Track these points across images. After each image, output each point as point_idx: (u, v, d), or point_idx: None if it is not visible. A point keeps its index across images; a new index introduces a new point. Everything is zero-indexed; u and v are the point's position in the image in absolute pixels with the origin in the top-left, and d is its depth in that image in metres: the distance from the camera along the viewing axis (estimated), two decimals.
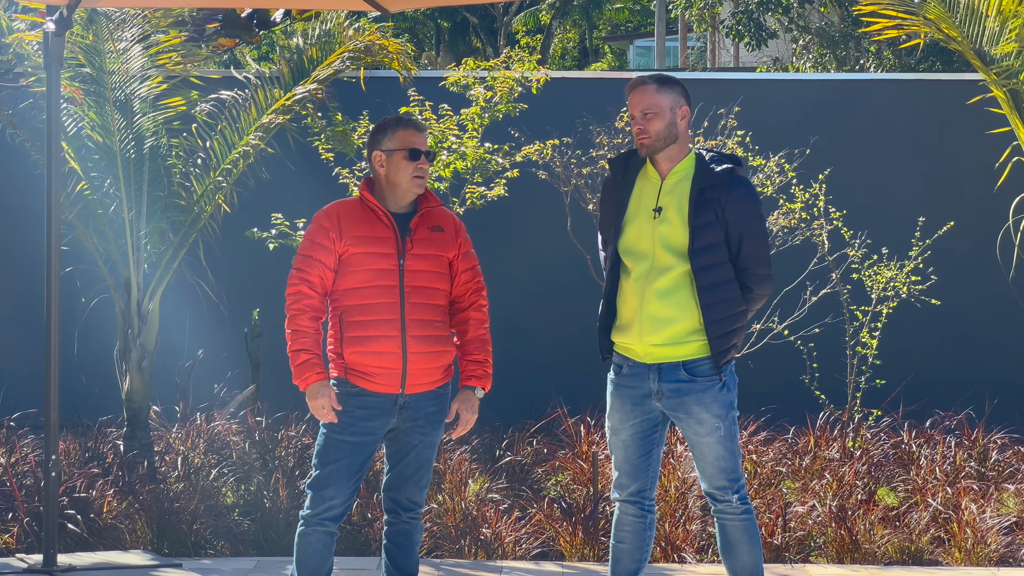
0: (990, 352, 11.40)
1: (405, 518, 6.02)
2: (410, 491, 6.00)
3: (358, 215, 5.93)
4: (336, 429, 5.89)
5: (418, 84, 9.78)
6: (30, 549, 7.78)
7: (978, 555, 7.90)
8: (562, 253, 10.80)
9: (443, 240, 5.95)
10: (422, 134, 5.96)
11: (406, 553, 6.05)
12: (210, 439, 9.16)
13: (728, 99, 10.51)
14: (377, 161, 5.95)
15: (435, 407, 5.98)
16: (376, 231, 5.89)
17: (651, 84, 5.79)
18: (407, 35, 35.88)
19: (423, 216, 5.95)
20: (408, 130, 5.94)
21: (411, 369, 5.86)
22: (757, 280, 5.82)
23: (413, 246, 5.89)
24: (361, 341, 5.86)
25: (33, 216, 9.28)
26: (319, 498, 5.88)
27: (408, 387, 5.88)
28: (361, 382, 5.88)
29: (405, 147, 5.90)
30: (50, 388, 7.33)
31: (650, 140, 5.77)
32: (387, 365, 5.85)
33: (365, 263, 5.87)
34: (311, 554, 5.93)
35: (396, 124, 5.96)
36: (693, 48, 39.90)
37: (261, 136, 8.96)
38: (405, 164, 5.89)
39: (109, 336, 9.24)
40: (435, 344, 5.90)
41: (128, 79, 8.99)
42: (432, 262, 5.91)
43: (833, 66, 21.54)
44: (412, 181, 5.91)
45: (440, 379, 5.97)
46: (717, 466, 5.84)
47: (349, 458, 5.88)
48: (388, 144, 5.92)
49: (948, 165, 11.51)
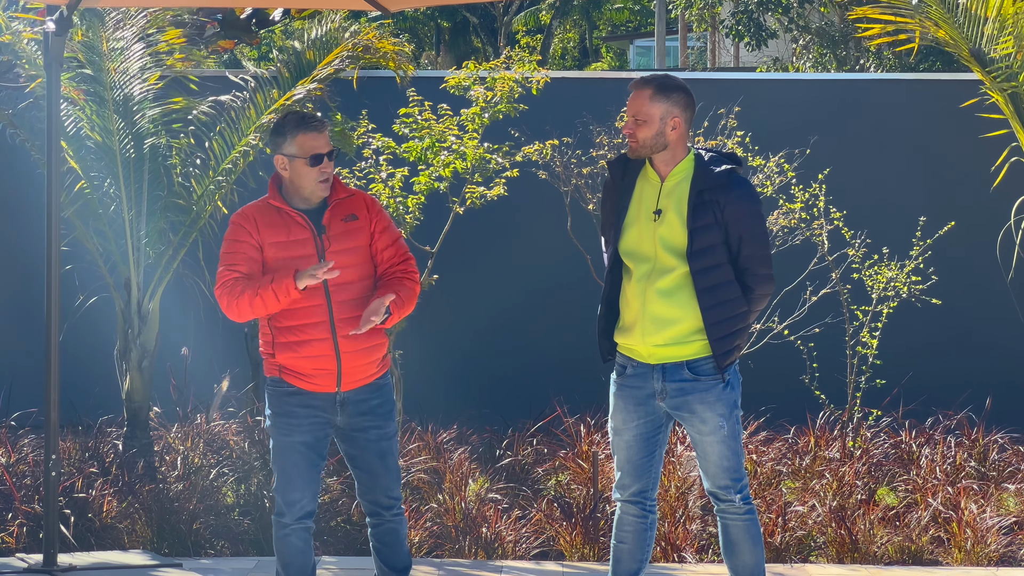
0: (990, 352, 11.40)
1: (389, 516, 6.00)
2: (385, 487, 5.96)
3: (273, 220, 5.83)
4: (285, 431, 5.87)
5: (418, 84, 9.77)
6: (30, 549, 7.78)
7: (978, 555, 7.90)
8: (562, 253, 10.79)
9: (359, 228, 5.87)
10: (323, 134, 5.81)
11: (395, 550, 6.04)
12: (210, 439, 9.16)
13: (728, 99, 10.50)
14: (280, 165, 5.85)
15: (379, 398, 5.94)
16: (293, 234, 5.81)
17: (648, 89, 5.76)
18: (407, 35, 35.92)
19: (334, 209, 5.86)
20: (307, 133, 5.79)
21: (346, 368, 5.83)
22: (758, 280, 5.82)
23: (331, 243, 5.81)
24: (292, 346, 5.82)
25: (33, 216, 9.28)
26: (287, 501, 5.89)
27: (344, 385, 5.86)
28: (297, 382, 5.86)
29: (306, 153, 5.78)
30: (50, 388, 7.33)
31: (636, 145, 5.79)
32: (322, 367, 5.83)
33: (288, 269, 5.77)
34: (295, 554, 5.94)
35: (295, 127, 5.80)
36: (693, 48, 39.89)
37: (260, 136, 8.96)
38: (308, 170, 5.80)
39: (109, 336, 9.24)
40: (367, 339, 5.86)
41: (128, 79, 8.99)
42: (353, 255, 5.84)
43: (833, 66, 21.54)
44: (317, 185, 5.83)
45: (376, 372, 5.94)
46: (720, 465, 5.84)
47: (305, 457, 5.87)
48: (288, 149, 5.81)
49: (948, 165, 11.51)
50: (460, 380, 11.27)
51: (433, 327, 10.74)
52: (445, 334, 11.30)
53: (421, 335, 10.34)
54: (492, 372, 11.41)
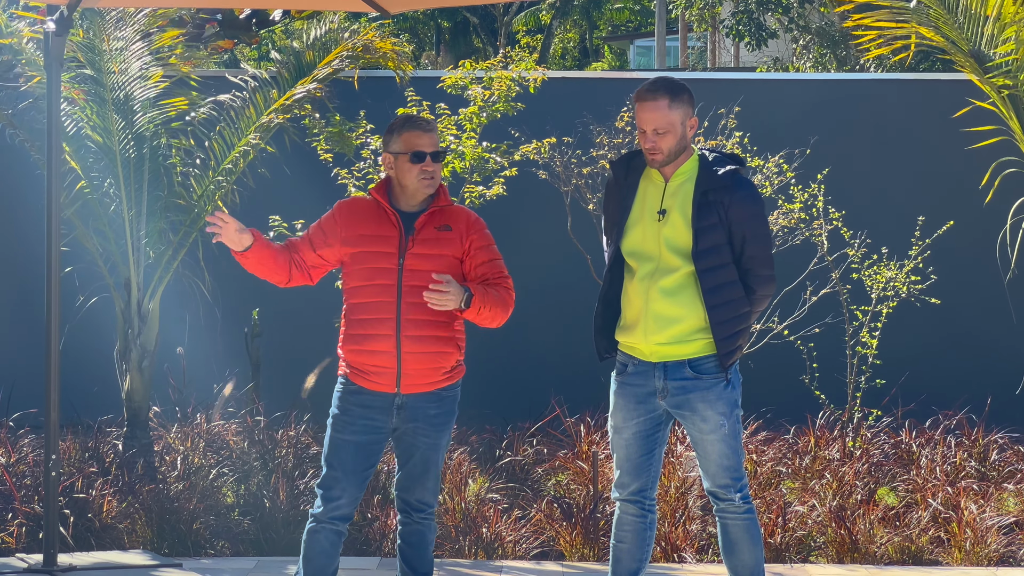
0: (990, 351, 11.39)
1: (417, 519, 6.04)
2: (419, 492, 6.01)
3: (367, 213, 5.96)
4: (339, 428, 5.92)
5: (417, 84, 9.77)
6: (29, 549, 7.78)
7: (978, 555, 7.90)
8: (562, 253, 10.79)
9: (450, 239, 5.93)
10: (429, 135, 5.93)
11: (420, 553, 6.07)
12: (210, 439, 9.16)
13: (728, 99, 10.51)
14: (386, 163, 5.98)
15: (438, 409, 5.97)
16: (381, 229, 5.91)
17: (663, 99, 5.75)
18: (407, 35, 35.94)
19: (431, 215, 5.93)
20: (413, 131, 5.92)
21: (406, 369, 5.86)
22: (760, 281, 5.83)
23: (415, 245, 5.88)
24: (358, 339, 5.89)
25: (33, 216, 9.28)
26: (326, 497, 5.91)
27: (404, 387, 5.88)
28: (360, 380, 5.91)
29: (409, 150, 5.90)
30: (50, 388, 7.33)
31: (663, 157, 5.79)
32: (382, 364, 5.86)
33: (366, 262, 5.89)
34: (318, 552, 5.94)
35: (402, 126, 5.96)
36: (693, 48, 39.91)
37: (260, 136, 8.96)
38: (410, 167, 5.90)
39: (109, 336, 9.24)
40: (433, 345, 5.89)
41: (128, 79, 8.98)
42: (436, 262, 5.89)
43: (833, 66, 21.55)
44: (419, 182, 5.91)
45: (440, 380, 5.95)
46: (720, 464, 5.84)
47: (353, 457, 5.89)
48: (394, 146, 5.94)
49: (948, 164, 11.51)
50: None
51: None
52: None
53: None
54: (492, 372, 11.39)
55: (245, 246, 5.88)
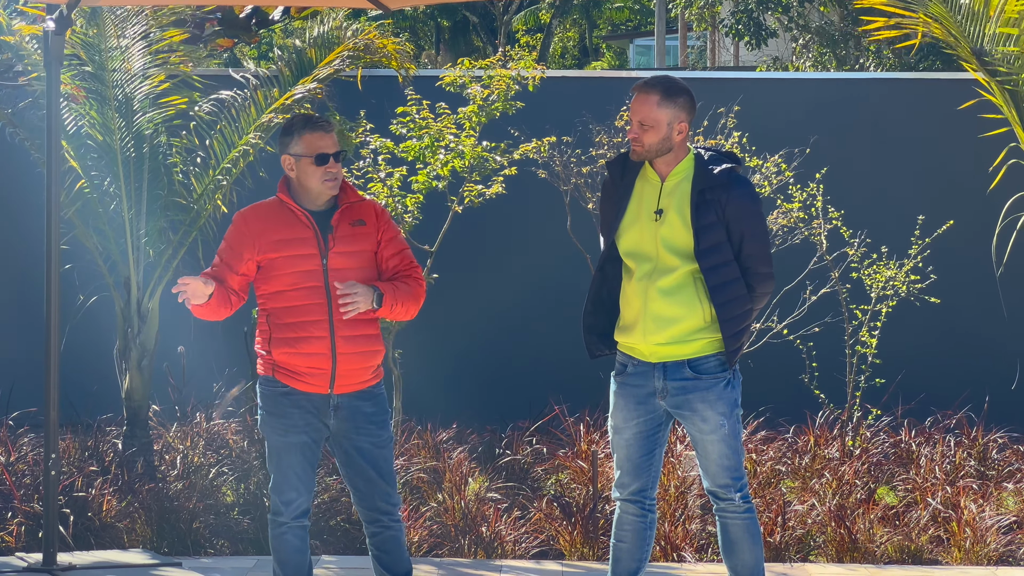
0: (990, 351, 11.39)
1: (388, 523, 5.98)
2: (383, 493, 5.94)
3: (275, 217, 5.87)
4: (279, 432, 5.88)
5: (416, 83, 9.77)
6: (29, 548, 7.78)
7: (977, 554, 7.90)
8: (562, 252, 10.79)
9: (365, 234, 5.88)
10: (330, 135, 5.84)
11: (396, 556, 6.02)
12: (209, 438, 9.16)
13: (728, 99, 10.50)
14: (287, 165, 5.87)
15: (373, 407, 5.93)
16: (296, 232, 5.83)
17: (655, 94, 5.76)
18: (407, 34, 35.92)
19: (344, 212, 5.87)
20: (315, 133, 5.82)
21: (340, 370, 5.83)
22: (759, 279, 5.84)
23: (335, 244, 5.83)
24: (290, 342, 5.83)
25: (33, 215, 9.27)
26: (285, 500, 5.90)
27: (337, 387, 5.85)
28: (290, 381, 5.86)
29: (312, 152, 5.81)
30: (50, 387, 7.33)
31: (642, 149, 5.80)
32: (317, 365, 5.82)
33: (288, 266, 5.82)
34: (291, 551, 5.95)
35: (302, 127, 5.84)
36: (693, 47, 39.88)
37: (261, 135, 8.96)
38: (314, 169, 5.82)
39: (109, 335, 9.24)
40: (365, 344, 5.87)
41: (129, 78, 8.98)
42: (356, 259, 5.85)
43: (833, 65, 21.53)
44: (324, 184, 5.84)
45: (370, 379, 5.93)
46: (720, 464, 5.85)
47: (299, 458, 5.87)
48: (295, 148, 5.83)
49: (948, 164, 11.51)
50: (459, 379, 11.27)
51: (432, 326, 10.73)
52: (444, 333, 11.30)
53: (420, 334, 10.34)
54: (491, 371, 11.41)
55: (209, 293, 5.80)
